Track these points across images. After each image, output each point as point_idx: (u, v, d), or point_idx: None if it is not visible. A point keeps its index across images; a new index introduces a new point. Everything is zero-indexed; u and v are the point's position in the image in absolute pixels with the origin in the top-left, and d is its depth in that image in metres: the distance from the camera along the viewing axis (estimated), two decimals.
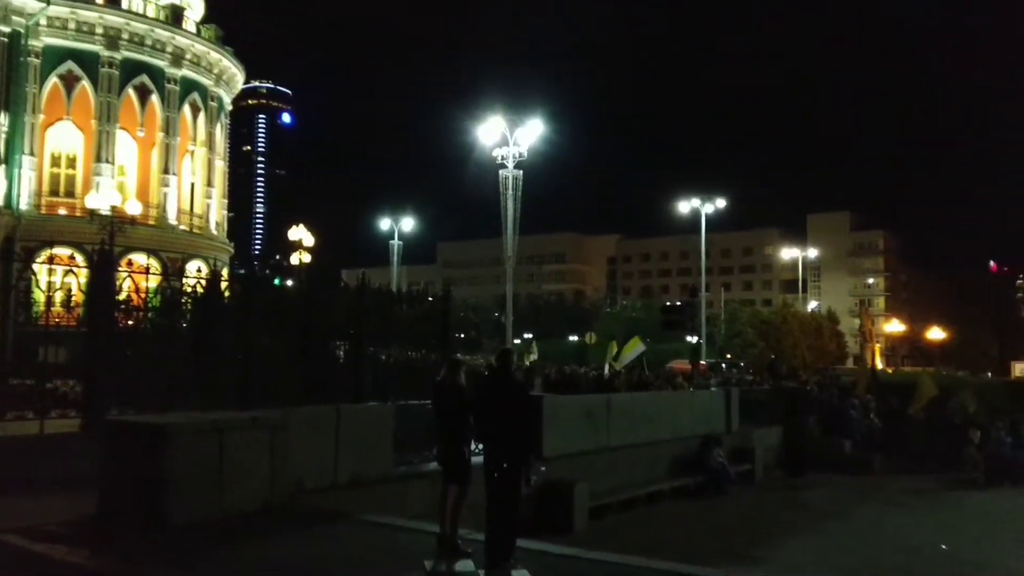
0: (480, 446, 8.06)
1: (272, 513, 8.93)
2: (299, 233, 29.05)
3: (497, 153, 29.79)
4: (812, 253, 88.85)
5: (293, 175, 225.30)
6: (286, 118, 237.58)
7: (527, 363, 33.42)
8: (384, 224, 47.08)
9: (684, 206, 52.43)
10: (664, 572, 7.51)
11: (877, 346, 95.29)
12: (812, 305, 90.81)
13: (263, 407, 10.17)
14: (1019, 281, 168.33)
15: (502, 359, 7.97)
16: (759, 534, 13.47)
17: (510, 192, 29.70)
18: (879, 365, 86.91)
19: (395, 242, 46.24)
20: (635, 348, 27.62)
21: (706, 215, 51.09)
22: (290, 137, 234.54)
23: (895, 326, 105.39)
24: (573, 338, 73.23)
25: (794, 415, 22.09)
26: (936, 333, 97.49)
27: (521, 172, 30.15)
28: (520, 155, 29.47)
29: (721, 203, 51.96)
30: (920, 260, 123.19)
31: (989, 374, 75.73)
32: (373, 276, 16.62)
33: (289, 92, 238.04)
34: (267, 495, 9.15)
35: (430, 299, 16.36)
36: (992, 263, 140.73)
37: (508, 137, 29.23)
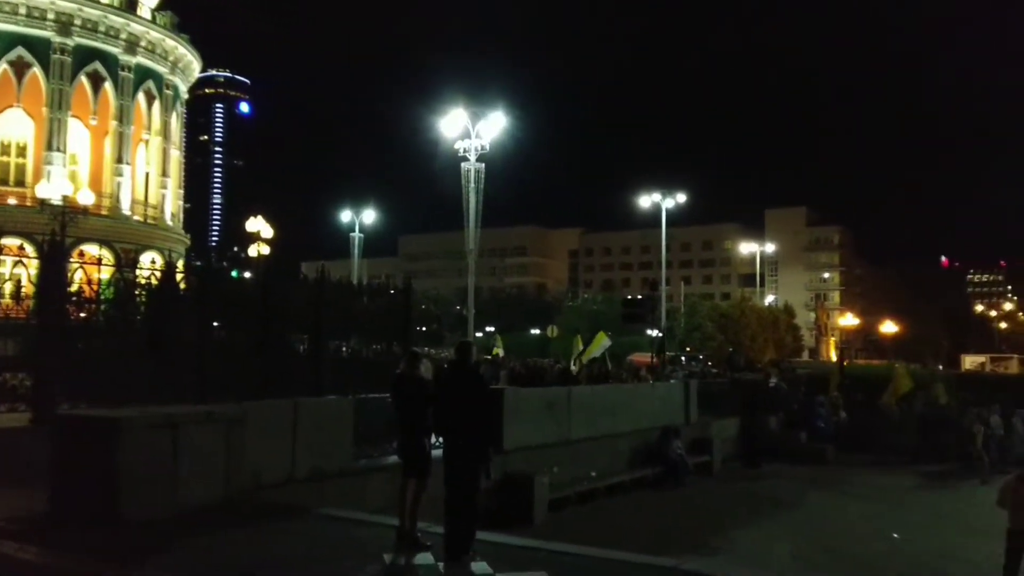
0: (440, 439, 8.04)
1: (228, 508, 8.81)
2: (257, 225, 28.65)
3: (459, 146, 29.65)
4: (770, 248, 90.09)
5: (252, 166, 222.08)
6: (244, 108, 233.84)
7: (499, 355, 33.44)
8: (345, 216, 46.66)
9: (645, 200, 52.80)
10: (621, 562, 7.58)
11: (832, 339, 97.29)
12: (769, 299, 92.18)
13: (220, 401, 10.03)
14: (969, 276, 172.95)
15: (461, 352, 7.94)
16: (716, 524, 13.67)
17: (472, 185, 29.60)
18: (831, 357, 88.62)
19: (356, 235, 45.87)
20: (601, 343, 27.84)
21: (667, 209, 51.49)
22: (248, 127, 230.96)
23: (849, 320, 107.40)
24: (535, 331, 73.41)
25: (752, 407, 22.44)
26: (889, 326, 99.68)
27: (483, 165, 30.08)
28: (482, 148, 29.38)
29: (682, 198, 52.41)
30: (874, 255, 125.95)
31: (940, 367, 77.65)
32: (333, 269, 16.44)
33: (247, 81, 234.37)
34: (223, 490, 9.02)
35: (391, 292, 16.25)
36: (943, 258, 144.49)
37: (470, 130, 29.12)
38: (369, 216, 46.67)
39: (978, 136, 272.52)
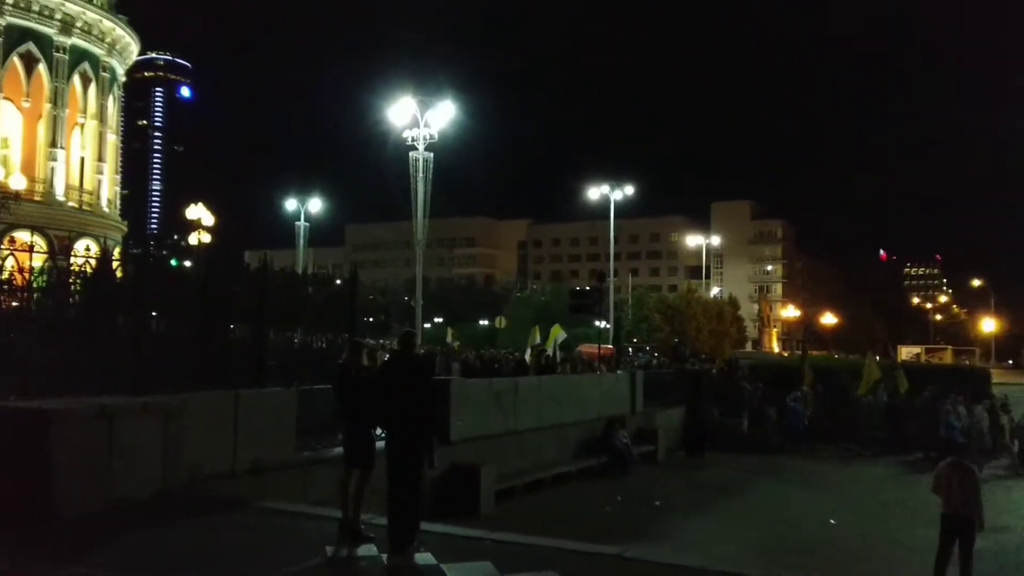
0: (384, 430, 7.95)
1: (167, 502, 8.62)
2: (198, 212, 27.94)
3: (408, 135, 29.42)
4: (715, 240, 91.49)
5: (193, 152, 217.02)
6: (185, 92, 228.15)
7: (455, 347, 33.37)
8: (290, 205, 45.90)
9: (594, 192, 53.14)
10: (565, 551, 7.60)
11: (774, 330, 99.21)
12: (715, 291, 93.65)
13: (159, 393, 9.78)
14: (906, 269, 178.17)
15: (405, 341, 7.86)
16: (660, 512, 13.85)
17: (420, 175, 29.41)
18: (773, 348, 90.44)
19: (301, 223, 45.18)
20: (557, 336, 28.12)
21: (615, 201, 51.89)
22: (189, 112, 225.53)
23: (791, 311, 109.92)
24: (483, 322, 73.43)
25: (696, 397, 22.76)
26: (829, 318, 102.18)
27: (432, 155, 29.90)
28: (431, 137, 29.20)
29: (630, 190, 52.88)
30: (815, 248, 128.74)
31: (877, 357, 79.89)
32: (279, 258, 16.16)
33: (188, 65, 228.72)
34: (161, 483, 8.81)
35: (338, 282, 16.03)
36: (882, 252, 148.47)
37: (419, 119, 28.90)
38: (315, 205, 46.01)
39: (916, 133, 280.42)
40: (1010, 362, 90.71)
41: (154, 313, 12.36)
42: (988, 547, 10.61)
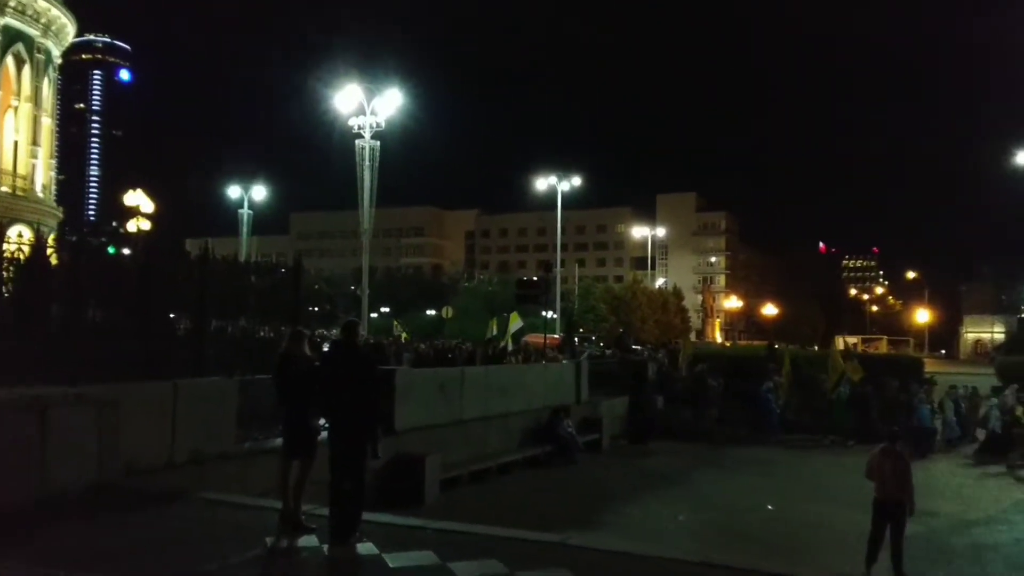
0: (326, 420, 7.87)
1: (102, 494, 8.43)
2: (136, 198, 27.19)
3: (354, 122, 29.08)
4: (661, 232, 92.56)
5: (132, 137, 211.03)
6: (124, 75, 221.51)
7: (404, 338, 33.22)
8: (233, 192, 44.98)
9: (542, 183, 53.30)
10: (508, 539, 7.66)
11: (717, 321, 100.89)
12: (660, 282, 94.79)
13: (95, 383, 9.53)
14: (844, 261, 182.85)
15: (348, 331, 7.78)
16: (603, 500, 14.00)
17: (367, 163, 29.09)
18: (716, 338, 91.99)
19: (244, 211, 44.34)
20: (515, 323, 28.34)
21: (563, 192, 52.12)
22: (129, 96, 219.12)
23: (733, 302, 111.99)
24: (431, 312, 73.13)
25: (640, 386, 23.02)
26: (770, 309, 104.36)
27: (378, 143, 29.61)
28: (377, 125, 28.90)
29: (577, 181, 53.19)
30: (758, 241, 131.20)
31: (816, 347, 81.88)
32: (221, 247, 15.80)
33: (128, 48, 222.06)
34: (96, 475, 8.61)
35: (282, 270, 15.78)
36: (821, 244, 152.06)
37: (365, 106, 28.58)
38: (259, 192, 45.16)
39: (857, 131, 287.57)
40: (942, 352, 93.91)
41: (91, 301, 12.05)
42: (919, 531, 10.99)
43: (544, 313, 37.56)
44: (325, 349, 9.29)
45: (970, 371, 43.71)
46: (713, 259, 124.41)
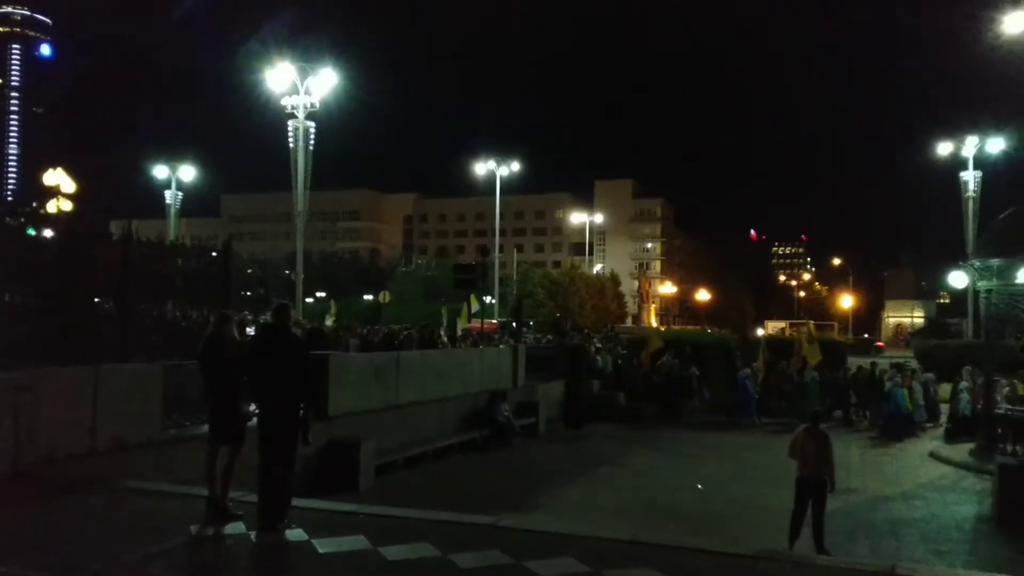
0: (256, 405, 7.72)
1: (19, 483, 8.14)
2: (57, 178, 26.11)
3: (287, 102, 28.45)
4: (599, 218, 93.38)
5: (53, 114, 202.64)
6: (45, 50, 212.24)
7: (328, 324, 32.77)
8: (160, 173, 43.58)
9: (481, 167, 53.19)
10: (440, 522, 7.65)
11: (653, 306, 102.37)
12: (597, 268, 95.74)
13: (13, 368, 9.16)
14: (774, 248, 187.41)
15: (278, 314, 7.63)
16: (538, 482, 14.10)
17: (301, 144, 28.53)
18: (651, 323, 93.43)
19: (172, 192, 43.02)
20: (475, 305, 28.51)
21: (502, 177, 52.11)
22: (50, 72, 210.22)
23: (668, 288, 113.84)
24: (368, 297, 72.48)
25: (576, 371, 23.24)
26: (703, 295, 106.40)
27: (313, 124, 29.04)
28: (312, 105, 28.33)
29: (516, 166, 53.23)
30: (692, 228, 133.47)
31: (760, 331, 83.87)
32: (148, 229, 15.34)
33: (49, 22, 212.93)
34: (11, 464, 8.29)
35: (212, 253, 15.40)
36: (752, 232, 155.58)
37: (299, 86, 27.99)
38: (188, 173, 43.81)
39: (786, 119, 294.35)
40: (865, 336, 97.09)
41: (7, 285, 11.59)
42: (839, 507, 11.37)
43: (484, 298, 37.67)
44: (250, 332, 9.10)
45: (890, 354, 45.42)
46: (649, 245, 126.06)
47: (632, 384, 25.40)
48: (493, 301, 53.22)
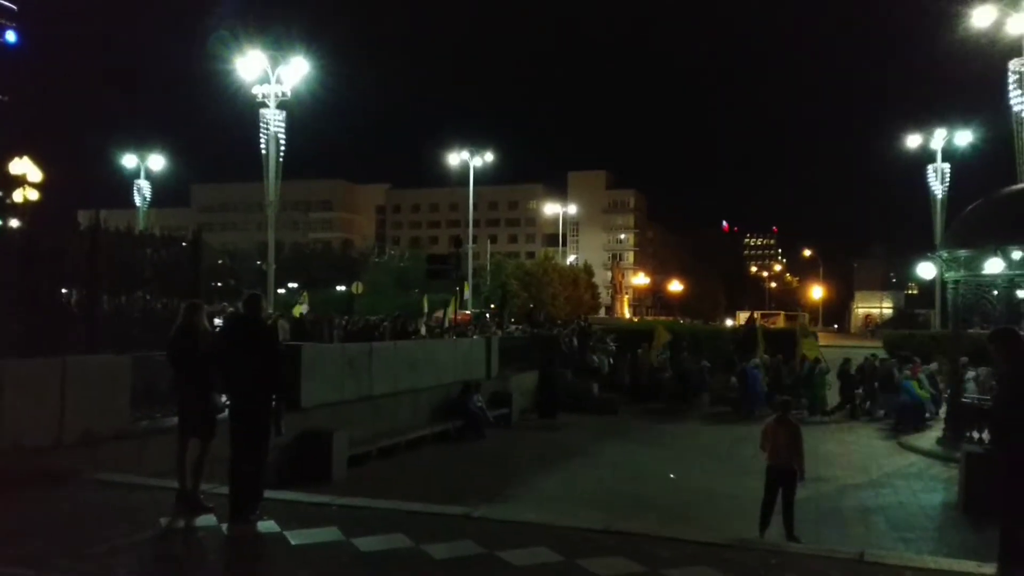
0: (227, 396, 7.64)
1: None
2: (23, 167, 25.59)
3: (258, 91, 28.16)
4: (572, 209, 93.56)
5: (19, 102, 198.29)
6: (11, 36, 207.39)
7: (299, 315, 32.56)
8: (129, 162, 42.97)
9: (454, 158, 53.04)
10: (413, 513, 7.63)
11: (626, 297, 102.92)
12: (571, 259, 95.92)
13: None
14: (746, 239, 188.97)
15: (250, 305, 7.55)
16: (512, 473, 14.13)
17: (271, 133, 28.27)
18: (624, 314, 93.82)
19: (141, 181, 42.46)
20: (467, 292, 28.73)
21: (475, 168, 52.02)
22: (16, 59, 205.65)
23: (641, 279, 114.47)
24: (341, 288, 71.98)
25: (549, 361, 23.29)
26: (675, 285, 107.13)
27: (284, 113, 28.78)
28: (283, 94, 28.07)
29: (490, 157, 53.15)
30: (665, 219, 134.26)
31: (718, 322, 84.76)
32: (117, 219, 15.11)
33: (15, 8, 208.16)
34: None
35: (182, 243, 15.20)
36: (724, 223, 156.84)
37: (270, 74, 27.71)
38: (157, 162, 43.25)
39: (758, 111, 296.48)
40: (835, 326, 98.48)
41: None
42: (809, 496, 11.50)
43: (457, 289, 37.57)
44: (217, 322, 8.99)
45: (859, 344, 46.00)
46: (622, 236, 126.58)
47: (636, 381, 24.93)
48: (468, 289, 53.12)
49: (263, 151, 28.72)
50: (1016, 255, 15.07)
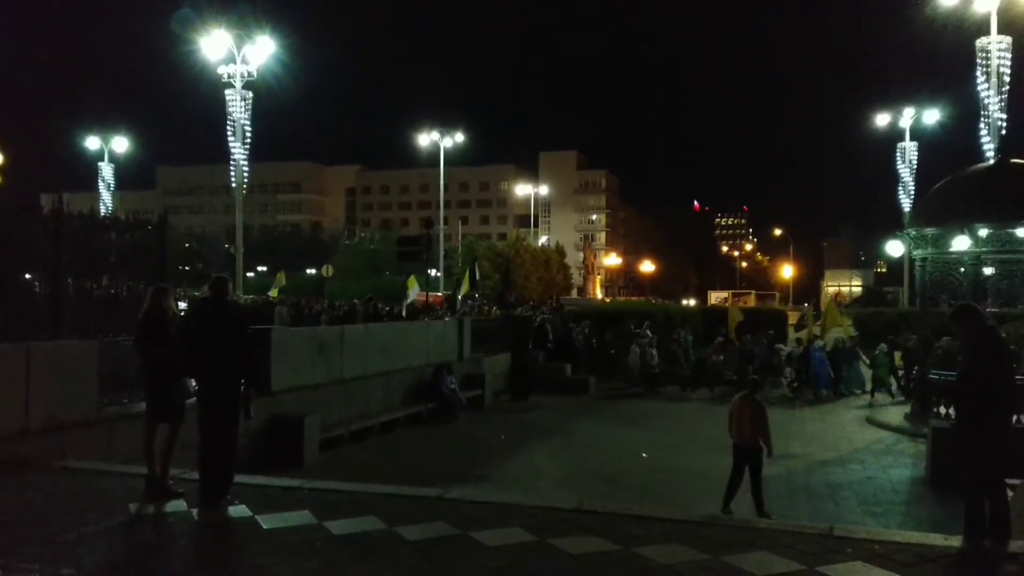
0: (195, 380, 7.53)
1: None
2: None
3: (223, 71, 27.68)
4: (543, 190, 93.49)
5: None
6: None
7: (275, 296, 32.33)
8: (92, 144, 42.12)
9: (424, 139, 52.67)
10: (385, 495, 7.61)
11: (598, 278, 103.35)
12: (542, 239, 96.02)
13: None
14: (717, 219, 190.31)
15: (216, 287, 7.42)
16: (485, 454, 14.15)
17: (238, 114, 27.83)
18: (597, 295, 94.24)
19: (105, 164, 41.66)
20: (413, 287, 28.39)
21: (446, 149, 51.71)
22: None
23: (613, 259, 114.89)
24: (311, 271, 71.49)
25: (521, 343, 23.32)
26: (647, 266, 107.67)
27: (251, 93, 28.34)
28: (249, 74, 27.62)
29: (460, 137, 52.83)
30: (637, 199, 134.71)
31: (691, 302, 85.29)
32: (81, 202, 14.83)
33: None
34: None
35: (149, 227, 14.96)
36: (695, 203, 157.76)
37: (235, 53, 27.23)
38: (121, 144, 42.42)
39: (727, 92, 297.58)
40: (806, 305, 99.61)
41: None
42: (778, 473, 11.66)
43: (431, 272, 37.50)
44: (182, 306, 8.86)
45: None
46: (594, 217, 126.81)
47: (704, 369, 23.53)
48: (438, 274, 52.95)
49: (229, 133, 28.27)
50: (982, 233, 15.33)
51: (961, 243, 15.56)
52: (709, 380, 23.09)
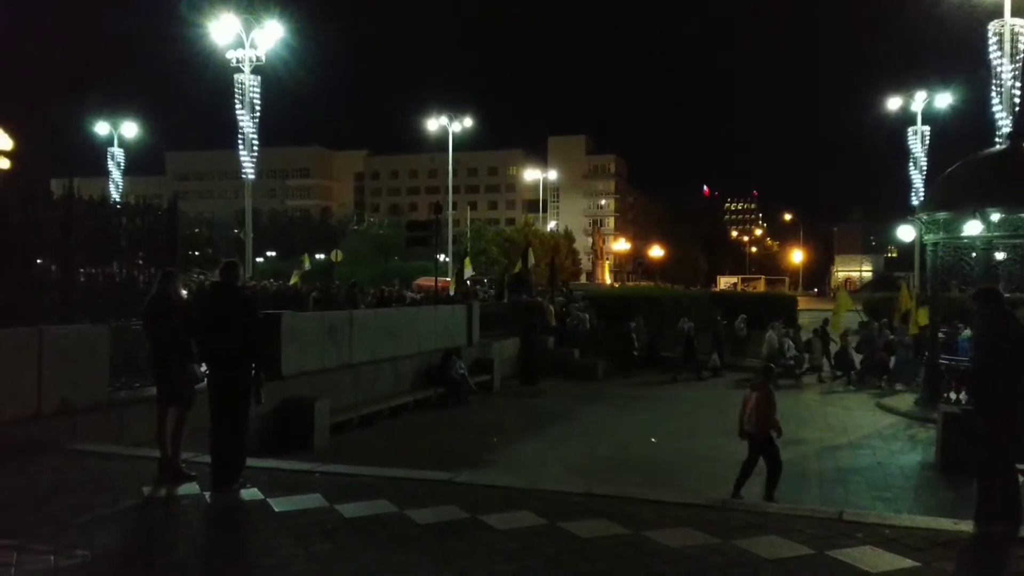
0: (206, 365, 7.57)
1: None
2: None
3: (232, 56, 27.63)
4: (552, 175, 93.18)
5: None
6: None
7: (296, 281, 32.41)
8: (102, 129, 42.18)
9: (433, 123, 52.52)
10: (396, 479, 7.64)
11: (607, 263, 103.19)
12: (551, 224, 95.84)
13: None
14: (726, 204, 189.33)
15: (227, 272, 7.43)
16: (495, 438, 14.18)
17: (247, 99, 27.80)
18: (606, 280, 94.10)
19: (115, 149, 41.74)
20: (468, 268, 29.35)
21: (454, 134, 51.55)
22: None
23: (622, 244, 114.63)
24: (320, 256, 71.56)
25: (530, 328, 23.30)
26: (656, 251, 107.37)
27: (259, 78, 28.29)
28: (258, 59, 27.56)
29: (468, 122, 52.67)
30: (646, 184, 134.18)
31: (700, 287, 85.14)
32: (91, 187, 14.87)
33: None
34: None
35: (159, 212, 14.99)
36: (705, 188, 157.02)
37: (244, 38, 27.17)
38: (130, 129, 42.48)
39: (738, 75, 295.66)
40: (815, 290, 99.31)
41: None
42: (790, 457, 11.61)
43: (439, 256, 37.52)
44: (183, 292, 8.87)
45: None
46: (603, 202, 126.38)
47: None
48: (448, 259, 52.96)
49: (239, 118, 28.26)
50: (994, 217, 15.19)
51: (973, 228, 15.43)
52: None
